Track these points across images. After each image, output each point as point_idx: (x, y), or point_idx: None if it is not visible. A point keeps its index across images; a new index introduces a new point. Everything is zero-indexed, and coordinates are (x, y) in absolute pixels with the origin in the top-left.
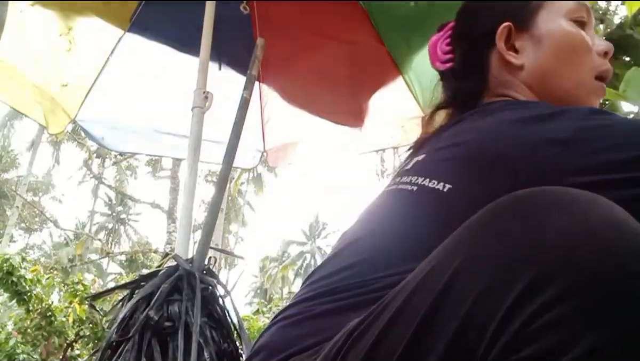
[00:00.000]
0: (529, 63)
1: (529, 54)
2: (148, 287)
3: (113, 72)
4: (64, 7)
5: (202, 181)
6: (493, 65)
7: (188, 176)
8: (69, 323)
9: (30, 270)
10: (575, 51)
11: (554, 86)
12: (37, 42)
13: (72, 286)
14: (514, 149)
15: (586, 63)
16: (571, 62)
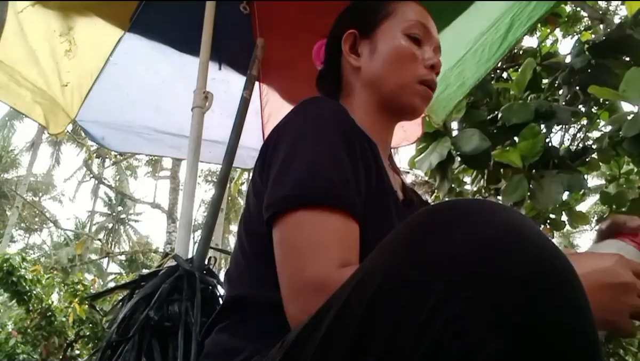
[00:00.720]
0: (365, 66)
1: (366, 58)
2: (148, 287)
3: (113, 72)
4: (64, 7)
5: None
6: (343, 68)
7: (188, 176)
8: (69, 323)
9: (30, 270)
10: (400, 62)
11: (382, 87)
12: (37, 42)
13: (72, 286)
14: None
15: (408, 71)
16: (394, 69)
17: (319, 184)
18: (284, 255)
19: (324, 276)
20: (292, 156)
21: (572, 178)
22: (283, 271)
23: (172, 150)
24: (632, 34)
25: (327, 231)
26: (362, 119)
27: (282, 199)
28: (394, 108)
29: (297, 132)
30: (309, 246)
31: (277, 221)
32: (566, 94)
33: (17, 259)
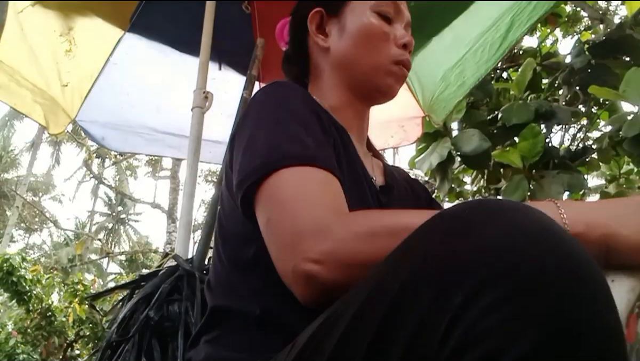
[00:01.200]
0: (334, 46)
1: (335, 38)
2: (148, 287)
3: (113, 72)
4: (64, 7)
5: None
6: (311, 47)
7: (188, 176)
8: (69, 323)
9: (30, 270)
10: (371, 39)
11: (353, 67)
12: (37, 42)
13: (72, 286)
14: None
15: (380, 51)
16: (367, 48)
17: (293, 146)
18: (270, 214)
19: (322, 219)
20: (260, 130)
21: (573, 178)
22: (271, 229)
23: (172, 150)
24: (632, 34)
25: (313, 184)
26: (333, 103)
27: (257, 168)
28: (367, 90)
29: (263, 110)
30: (296, 197)
31: (256, 192)
32: (566, 94)
33: (17, 259)
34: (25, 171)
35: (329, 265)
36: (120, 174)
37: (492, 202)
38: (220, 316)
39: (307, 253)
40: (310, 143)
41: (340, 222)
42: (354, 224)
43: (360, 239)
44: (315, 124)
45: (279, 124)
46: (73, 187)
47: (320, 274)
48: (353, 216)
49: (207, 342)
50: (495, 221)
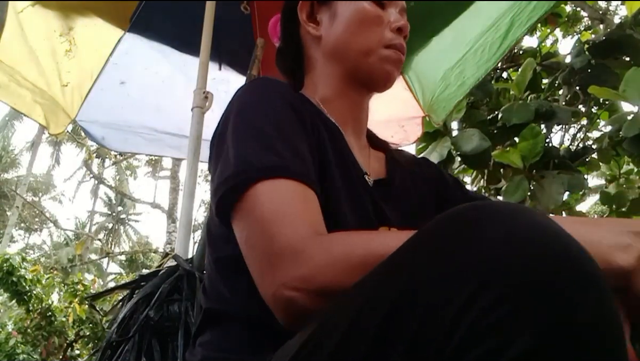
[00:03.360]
0: (325, 34)
1: (327, 26)
2: (148, 287)
3: (113, 72)
4: (64, 7)
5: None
6: (303, 38)
7: (188, 176)
8: (69, 323)
9: (30, 270)
10: (363, 24)
11: (346, 54)
12: (37, 42)
13: (72, 286)
14: None
15: (373, 35)
16: (358, 32)
17: (268, 158)
18: (248, 232)
19: (298, 241)
20: (236, 135)
21: (573, 178)
22: (250, 249)
23: (172, 150)
24: (632, 34)
25: (289, 199)
26: (327, 95)
27: (230, 178)
28: (362, 78)
29: (241, 112)
30: (273, 215)
31: (232, 205)
32: (566, 94)
33: (17, 259)
34: (25, 171)
35: (307, 292)
36: (120, 174)
37: (492, 203)
38: (212, 319)
39: (285, 279)
40: (286, 153)
41: (317, 245)
42: (331, 248)
43: (337, 265)
44: (295, 129)
45: (255, 130)
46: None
47: (299, 301)
48: (329, 239)
49: (200, 345)
50: (495, 222)
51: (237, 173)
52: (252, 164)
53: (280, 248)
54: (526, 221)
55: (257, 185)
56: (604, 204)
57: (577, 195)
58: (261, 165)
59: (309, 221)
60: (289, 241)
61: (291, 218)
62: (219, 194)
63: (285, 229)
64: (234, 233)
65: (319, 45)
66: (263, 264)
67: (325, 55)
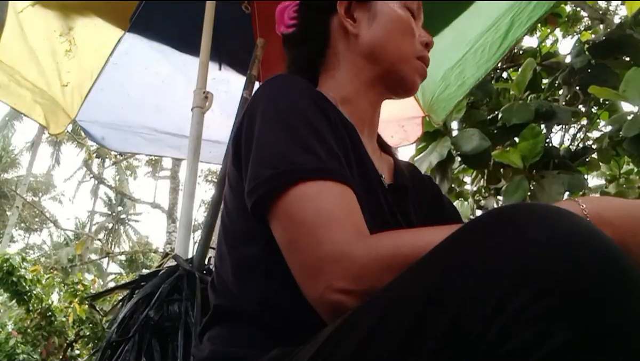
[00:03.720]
0: (363, 34)
1: (364, 25)
2: (148, 287)
3: (113, 72)
4: (64, 7)
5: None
6: (333, 32)
7: (188, 176)
8: (69, 323)
9: (30, 270)
10: (402, 32)
11: (382, 57)
12: (37, 42)
13: (72, 286)
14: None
15: (409, 45)
16: (397, 40)
17: (307, 158)
18: (291, 235)
19: (345, 244)
20: (269, 133)
21: (573, 178)
22: (294, 253)
23: (172, 150)
24: (632, 34)
25: (332, 201)
26: (347, 94)
27: (271, 178)
28: (392, 82)
29: (270, 108)
30: (320, 218)
31: (272, 205)
32: (566, 94)
33: (17, 259)
34: (25, 171)
35: (354, 294)
36: (120, 174)
37: (532, 204)
38: (221, 315)
39: (333, 282)
40: (322, 154)
41: (363, 247)
42: (377, 249)
43: (384, 265)
44: (325, 128)
45: (290, 130)
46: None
47: (347, 303)
48: (375, 240)
49: (209, 339)
50: (535, 222)
51: (276, 173)
52: (293, 165)
53: (327, 251)
54: (566, 222)
55: (299, 186)
56: None
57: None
58: (302, 166)
59: (353, 223)
60: (336, 244)
61: (336, 221)
62: (257, 194)
63: (331, 232)
64: (258, 232)
65: (352, 43)
66: (309, 268)
67: (358, 54)
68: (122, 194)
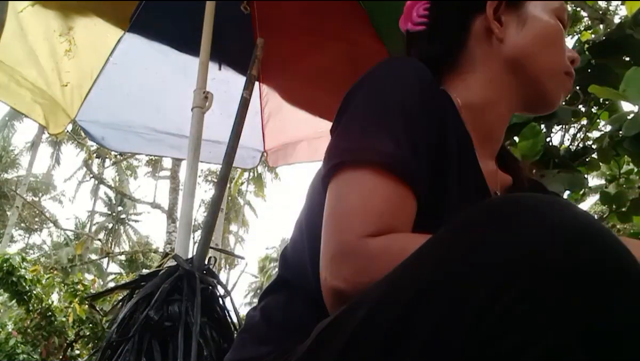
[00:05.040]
0: (509, 39)
1: (512, 30)
2: (148, 287)
3: (113, 72)
4: (64, 7)
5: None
6: (473, 33)
7: (188, 176)
8: (69, 323)
9: (30, 270)
10: (555, 43)
11: (529, 67)
12: (37, 42)
13: (72, 286)
14: None
15: (560, 57)
16: (548, 51)
17: (386, 145)
18: (331, 211)
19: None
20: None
21: (573, 178)
22: (326, 231)
23: (172, 150)
24: (632, 34)
25: (380, 195)
26: (476, 101)
27: (347, 151)
28: (533, 95)
29: (376, 87)
30: (359, 207)
31: (334, 175)
32: None
33: (17, 259)
34: (25, 171)
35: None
36: (120, 174)
37: (525, 195)
38: (283, 287)
39: (341, 270)
40: (403, 147)
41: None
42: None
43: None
44: (423, 125)
45: (385, 114)
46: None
47: (345, 292)
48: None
49: (262, 309)
50: (528, 214)
51: (350, 148)
52: (369, 144)
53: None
54: (562, 215)
55: (363, 169)
56: (604, 204)
57: (577, 195)
58: (376, 149)
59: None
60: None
61: (372, 216)
62: (328, 164)
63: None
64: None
65: (495, 47)
66: (327, 251)
67: (501, 60)
68: (122, 194)
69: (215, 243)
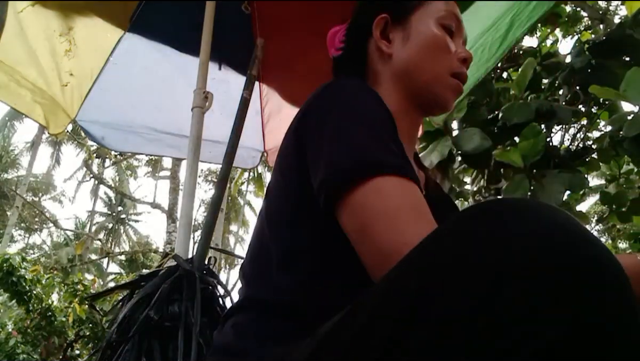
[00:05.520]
0: (396, 54)
1: (398, 46)
2: (148, 287)
3: (113, 72)
4: (64, 7)
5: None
6: (370, 54)
7: (188, 176)
8: (69, 323)
9: (30, 270)
10: (436, 50)
11: (414, 76)
12: (37, 42)
13: (72, 286)
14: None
15: (443, 62)
16: (430, 58)
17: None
18: (369, 221)
19: (422, 233)
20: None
21: (574, 178)
22: (370, 239)
23: (172, 150)
24: (632, 34)
25: (411, 197)
26: (391, 111)
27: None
28: (425, 100)
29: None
30: (402, 208)
31: (343, 193)
32: (566, 94)
33: (17, 259)
34: (25, 171)
35: None
36: (120, 174)
37: (516, 199)
38: (250, 303)
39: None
40: (397, 153)
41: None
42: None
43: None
44: (395, 132)
45: (370, 125)
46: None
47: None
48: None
49: (233, 326)
50: (519, 217)
51: (356, 163)
52: (373, 157)
53: (412, 239)
54: (549, 216)
55: (378, 179)
56: (604, 204)
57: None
58: (382, 160)
59: (429, 218)
60: (417, 235)
61: (417, 215)
62: (334, 182)
63: (417, 222)
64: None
65: (387, 63)
66: (386, 254)
67: (393, 74)
68: (122, 194)
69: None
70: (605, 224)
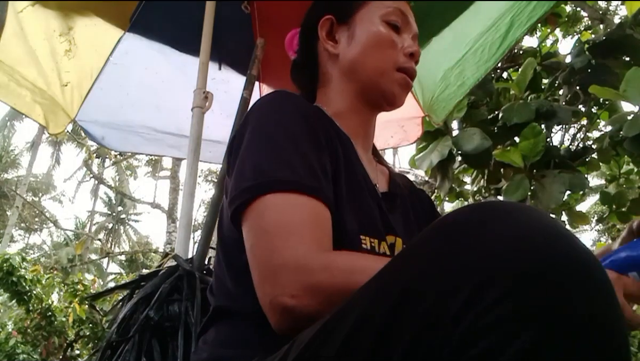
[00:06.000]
0: (342, 53)
1: (344, 45)
2: (148, 287)
3: (113, 72)
4: (64, 7)
5: (202, 181)
6: (320, 54)
7: (188, 176)
8: (69, 323)
9: (30, 270)
10: (379, 46)
11: (360, 73)
12: (37, 42)
13: (72, 286)
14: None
15: (388, 58)
16: (374, 55)
17: (283, 171)
18: (254, 240)
19: (302, 257)
20: (253, 147)
21: (574, 178)
22: (254, 257)
23: (172, 150)
24: (632, 34)
25: (298, 213)
26: (340, 109)
27: (246, 190)
28: (373, 97)
29: (258, 125)
30: (280, 227)
31: (243, 213)
32: (566, 94)
33: (17, 259)
34: (25, 171)
35: (305, 304)
36: (120, 174)
37: (497, 202)
38: (220, 316)
39: (285, 287)
40: (301, 169)
41: (319, 261)
42: (334, 267)
43: (339, 283)
44: (311, 144)
45: (272, 144)
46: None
47: (297, 310)
48: (334, 257)
49: (206, 342)
50: (496, 221)
51: (251, 185)
52: (266, 176)
53: (283, 260)
54: (530, 219)
55: (268, 196)
56: (604, 204)
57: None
58: (275, 177)
59: (314, 236)
60: (292, 255)
61: (297, 233)
62: (235, 204)
63: (289, 242)
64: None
65: (335, 63)
66: (265, 272)
67: (341, 73)
68: (122, 194)
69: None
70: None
